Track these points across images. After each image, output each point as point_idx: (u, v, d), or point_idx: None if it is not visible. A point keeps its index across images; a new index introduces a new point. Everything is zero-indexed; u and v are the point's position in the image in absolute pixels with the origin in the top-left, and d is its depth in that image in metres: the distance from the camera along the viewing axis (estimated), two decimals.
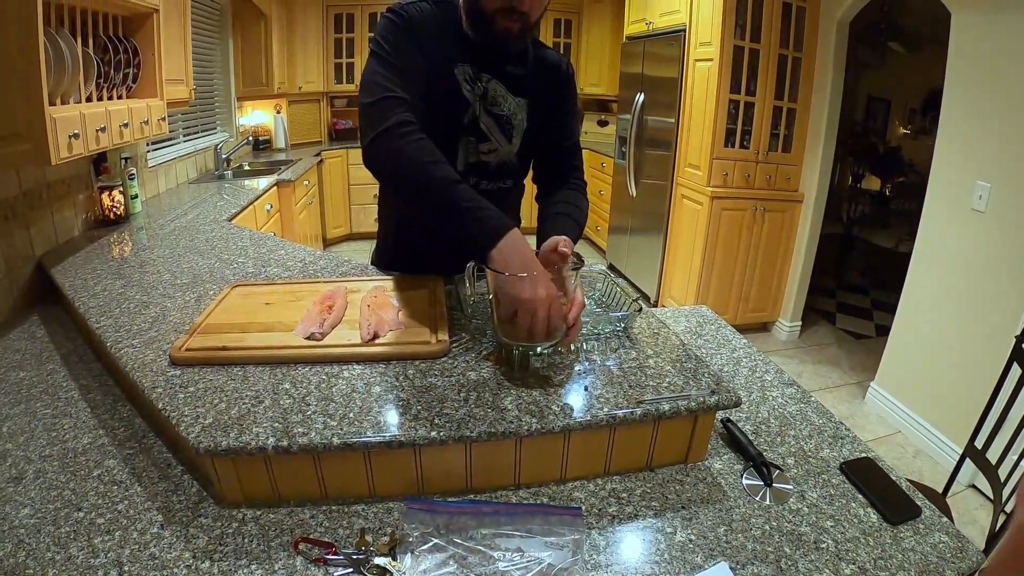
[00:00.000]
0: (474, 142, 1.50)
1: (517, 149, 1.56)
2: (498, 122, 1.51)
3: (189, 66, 3.17)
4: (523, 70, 1.52)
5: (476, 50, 1.44)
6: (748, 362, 1.58)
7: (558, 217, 1.44)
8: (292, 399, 1.07)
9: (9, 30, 1.59)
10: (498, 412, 1.03)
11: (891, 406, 3.41)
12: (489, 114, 1.49)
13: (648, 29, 4.77)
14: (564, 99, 1.61)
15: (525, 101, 1.53)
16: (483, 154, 1.52)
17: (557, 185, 1.59)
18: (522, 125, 1.54)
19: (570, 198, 1.53)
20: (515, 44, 1.41)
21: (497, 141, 1.52)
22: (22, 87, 1.64)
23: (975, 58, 2.88)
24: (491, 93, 1.48)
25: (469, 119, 1.48)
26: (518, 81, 1.51)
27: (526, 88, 1.53)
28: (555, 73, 1.58)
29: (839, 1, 3.78)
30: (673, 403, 1.08)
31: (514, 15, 1.31)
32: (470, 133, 1.49)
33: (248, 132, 5.87)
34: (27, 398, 1.38)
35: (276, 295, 1.51)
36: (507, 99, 1.50)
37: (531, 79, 1.53)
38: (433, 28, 1.41)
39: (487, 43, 1.40)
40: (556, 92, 1.58)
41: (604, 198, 6.04)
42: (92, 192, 2.66)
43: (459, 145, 1.50)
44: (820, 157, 4.06)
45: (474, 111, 1.47)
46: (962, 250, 2.98)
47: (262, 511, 1.00)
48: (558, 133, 1.61)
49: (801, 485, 1.12)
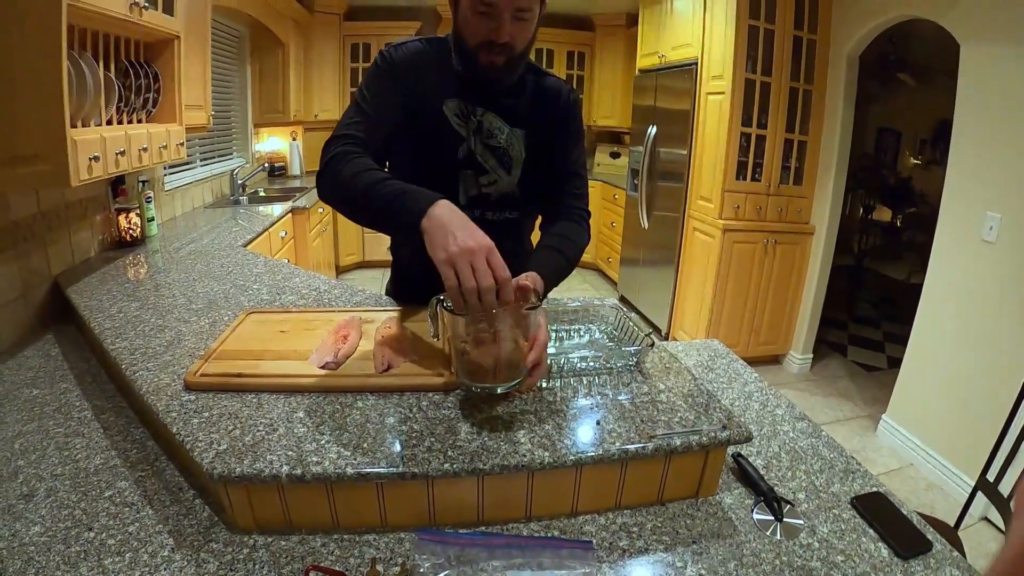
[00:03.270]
0: (473, 175, 1.51)
1: (518, 180, 1.55)
2: (495, 154, 1.51)
3: (208, 92, 3.22)
4: (520, 100, 1.52)
5: (467, 84, 1.45)
6: (759, 396, 1.58)
7: (543, 250, 1.40)
8: (306, 428, 1.07)
9: (33, 53, 1.63)
10: (511, 445, 1.03)
11: (903, 439, 3.38)
12: (486, 147, 1.50)
13: (660, 62, 4.81)
14: (564, 128, 1.57)
15: (523, 132, 1.53)
16: (483, 186, 1.52)
17: (557, 215, 1.55)
18: (520, 156, 1.53)
19: (565, 230, 1.49)
20: (503, 77, 1.42)
21: (496, 173, 1.52)
22: (45, 109, 1.67)
23: (985, 89, 2.89)
24: (486, 126, 1.48)
25: (464, 153, 1.49)
26: (514, 112, 1.51)
27: (523, 118, 1.52)
28: (555, 101, 1.56)
29: (849, 34, 3.82)
30: (685, 438, 1.08)
31: (495, 48, 1.33)
32: (468, 167, 1.50)
33: (264, 158, 5.94)
34: (40, 416, 1.39)
35: (291, 323, 1.52)
36: (503, 131, 1.50)
37: (529, 109, 1.53)
38: (421, 67, 1.45)
39: (475, 77, 1.42)
40: (556, 121, 1.56)
41: (616, 230, 6.05)
42: (109, 214, 2.69)
43: (459, 179, 1.51)
44: (831, 189, 4.07)
45: (469, 145, 1.48)
46: (973, 281, 2.97)
47: (273, 538, 1.00)
48: (559, 162, 1.57)
49: (812, 520, 1.11)
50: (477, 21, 1.31)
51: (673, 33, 4.63)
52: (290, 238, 4.26)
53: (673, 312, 4.78)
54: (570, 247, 1.43)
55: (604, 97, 6.89)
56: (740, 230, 4.11)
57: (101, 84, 1.99)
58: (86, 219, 2.49)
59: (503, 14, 1.28)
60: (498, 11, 1.28)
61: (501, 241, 1.16)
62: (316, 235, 4.88)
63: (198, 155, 4.31)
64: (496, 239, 1.11)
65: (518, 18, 1.30)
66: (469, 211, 1.53)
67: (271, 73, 5.47)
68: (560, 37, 6.75)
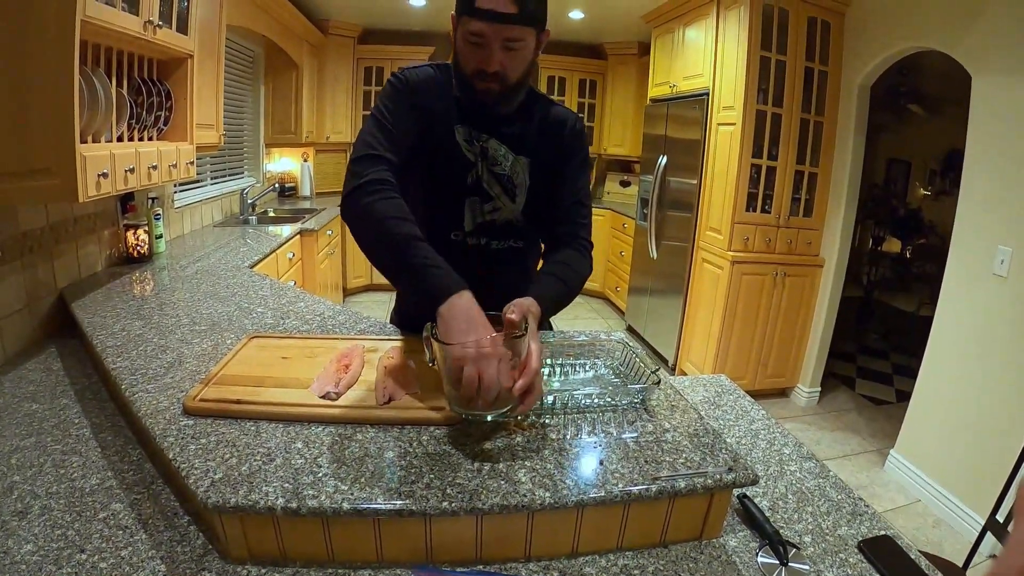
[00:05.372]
0: (479, 202, 1.52)
1: (522, 207, 1.55)
2: (500, 181, 1.52)
3: (220, 111, 3.25)
4: (523, 128, 1.52)
5: (470, 111, 1.47)
6: (766, 434, 1.56)
7: (544, 277, 1.40)
8: (304, 459, 1.05)
9: (47, 67, 1.64)
10: (511, 484, 1.01)
11: (911, 474, 3.33)
12: (491, 173, 1.51)
13: (672, 92, 4.83)
14: (570, 156, 1.57)
15: (527, 160, 1.53)
16: (487, 213, 1.53)
17: (560, 244, 1.54)
18: (525, 183, 1.54)
19: (568, 258, 1.48)
20: (500, 105, 1.43)
21: (500, 200, 1.53)
22: (56, 123, 1.68)
23: (996, 121, 2.89)
24: (490, 152, 1.49)
25: (473, 179, 1.50)
26: (518, 139, 1.52)
27: (527, 146, 1.53)
28: (560, 130, 1.56)
29: (860, 66, 3.84)
30: (689, 480, 1.05)
31: (488, 77, 1.34)
32: (475, 193, 1.51)
33: (275, 179, 5.97)
34: (38, 431, 1.39)
35: (293, 349, 1.51)
36: (507, 158, 1.51)
37: (533, 137, 1.53)
38: (433, 91, 1.46)
39: (475, 104, 1.44)
40: (562, 149, 1.56)
41: (625, 259, 6.04)
42: (118, 229, 2.71)
43: (465, 205, 1.52)
44: (841, 221, 4.06)
45: (477, 171, 1.49)
46: (984, 316, 2.94)
47: (267, 569, 0.98)
48: (563, 191, 1.56)
49: (818, 564, 1.09)
50: (469, 50, 1.34)
51: (685, 63, 4.65)
52: (298, 259, 4.27)
53: (680, 343, 4.75)
54: (572, 276, 1.43)
55: (615, 126, 6.92)
56: (749, 262, 4.10)
57: (113, 100, 2.00)
58: (94, 233, 2.50)
59: (492, 44, 1.30)
60: (487, 41, 1.30)
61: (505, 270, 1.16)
62: (324, 257, 4.89)
63: (209, 173, 4.34)
64: (500, 268, 1.11)
65: (508, 48, 1.32)
66: (475, 238, 1.53)
67: (284, 94, 5.52)
68: (572, 65, 6.80)
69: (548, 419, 1.24)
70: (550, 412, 1.27)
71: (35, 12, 1.60)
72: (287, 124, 5.60)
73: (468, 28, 1.30)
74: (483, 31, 1.28)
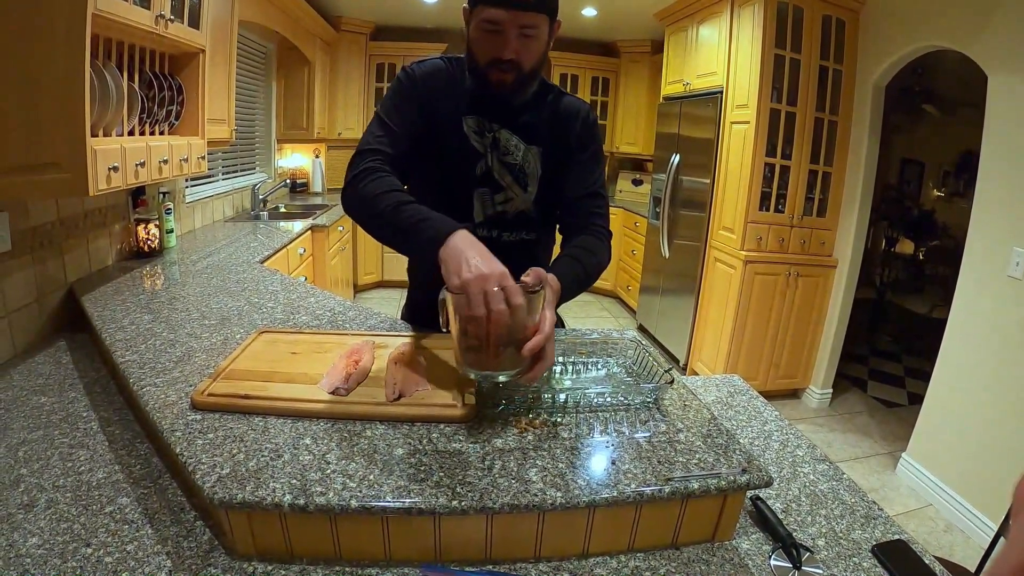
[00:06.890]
0: (488, 193, 1.52)
1: (534, 197, 1.55)
2: (511, 171, 1.52)
3: (232, 107, 3.25)
4: (535, 117, 1.52)
5: (482, 101, 1.47)
6: (779, 436, 1.54)
7: (562, 259, 1.40)
8: (312, 455, 1.04)
9: (58, 60, 1.63)
10: (522, 484, 0.99)
11: (923, 478, 3.30)
12: (502, 163, 1.51)
13: (685, 90, 4.80)
14: (583, 147, 1.57)
15: (539, 149, 1.53)
16: (499, 204, 1.53)
17: (579, 231, 1.53)
18: (536, 173, 1.54)
19: (587, 243, 1.47)
20: (514, 94, 1.43)
21: (512, 191, 1.53)
22: (66, 117, 1.68)
23: (1013, 122, 2.85)
24: (502, 142, 1.50)
25: (482, 170, 1.50)
26: (531, 129, 1.52)
27: (540, 136, 1.53)
28: (572, 120, 1.56)
29: (875, 65, 3.80)
30: (703, 481, 1.03)
31: (503, 66, 1.35)
32: (484, 184, 1.51)
33: (286, 174, 5.99)
34: (46, 424, 1.39)
35: (303, 344, 1.50)
36: (520, 147, 1.51)
37: (545, 126, 1.53)
38: (441, 84, 1.48)
39: (487, 95, 1.44)
40: (574, 140, 1.56)
41: (636, 258, 6.02)
42: (128, 224, 2.71)
43: (474, 198, 1.52)
44: (855, 221, 4.02)
45: (486, 161, 1.50)
46: (998, 319, 2.91)
47: (274, 566, 0.97)
48: (578, 181, 1.56)
49: (831, 568, 1.07)
50: (484, 39, 1.34)
51: (698, 61, 4.63)
52: (309, 255, 4.26)
53: (692, 342, 4.72)
54: (590, 259, 1.43)
55: (627, 124, 6.90)
56: (762, 262, 4.07)
57: (124, 95, 1.99)
58: (105, 228, 2.50)
59: (508, 31, 1.31)
60: (503, 27, 1.31)
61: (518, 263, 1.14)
62: (335, 253, 4.88)
63: (220, 168, 4.34)
64: (513, 260, 1.10)
65: (524, 35, 1.32)
66: (486, 230, 1.52)
67: (296, 90, 5.53)
68: (585, 63, 6.78)
69: (560, 418, 1.23)
70: (562, 410, 1.25)
71: (46, 6, 1.59)
72: (299, 120, 5.60)
73: (484, 16, 1.31)
74: (499, 18, 1.29)
